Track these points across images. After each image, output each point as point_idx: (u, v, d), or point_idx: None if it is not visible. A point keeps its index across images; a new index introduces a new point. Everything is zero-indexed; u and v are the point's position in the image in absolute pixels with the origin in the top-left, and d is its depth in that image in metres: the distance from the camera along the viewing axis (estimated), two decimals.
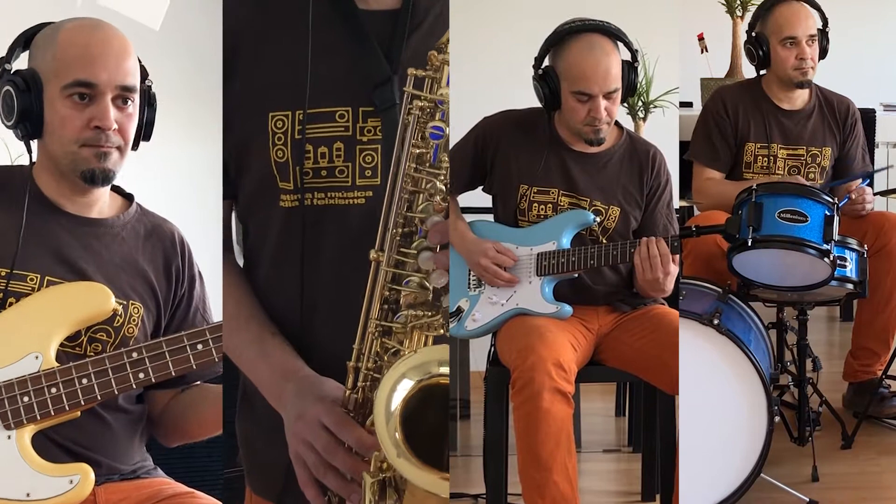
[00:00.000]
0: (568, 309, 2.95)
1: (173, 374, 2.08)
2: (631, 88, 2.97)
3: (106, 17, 2.22)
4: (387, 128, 1.77)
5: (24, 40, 2.18)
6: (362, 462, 1.62)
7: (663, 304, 3.07)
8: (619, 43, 2.94)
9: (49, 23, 2.20)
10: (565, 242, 2.97)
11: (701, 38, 4.77)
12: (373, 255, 1.66)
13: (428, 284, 1.62)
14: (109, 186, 2.23)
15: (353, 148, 1.79)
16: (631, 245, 2.88)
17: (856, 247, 3.03)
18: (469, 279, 3.08)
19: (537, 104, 3.04)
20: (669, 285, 2.90)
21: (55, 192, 2.19)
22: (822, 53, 3.61)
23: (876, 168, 3.80)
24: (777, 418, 2.89)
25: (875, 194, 3.58)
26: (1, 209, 2.15)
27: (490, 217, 3.14)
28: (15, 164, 3.01)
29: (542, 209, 3.01)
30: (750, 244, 2.83)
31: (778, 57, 3.57)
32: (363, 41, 1.79)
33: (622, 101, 2.99)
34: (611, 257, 2.90)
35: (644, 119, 4.39)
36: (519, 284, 3.00)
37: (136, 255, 2.24)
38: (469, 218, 3.13)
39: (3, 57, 2.16)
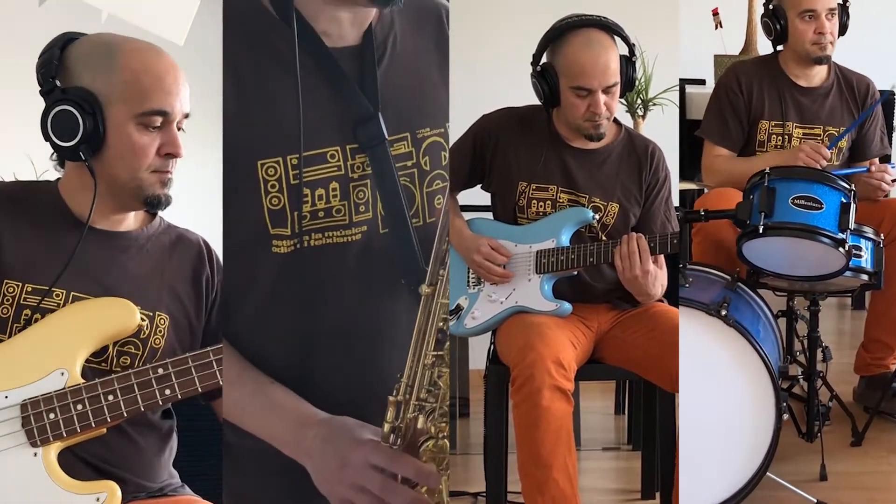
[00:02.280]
0: (567, 307, 2.96)
1: (199, 389, 2.07)
2: (629, 83, 2.98)
3: (131, 33, 2.20)
4: (376, 163, 1.81)
5: (59, 54, 2.13)
6: (420, 494, 1.68)
7: (663, 301, 3.05)
8: (616, 38, 2.94)
9: (76, 34, 2.16)
10: (564, 240, 2.97)
11: (715, 14, 4.69)
12: (425, 289, 1.70)
13: None
14: None
15: (348, 186, 1.82)
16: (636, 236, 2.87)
17: (872, 236, 2.93)
18: (469, 277, 3.09)
19: (536, 102, 3.04)
20: (653, 288, 2.89)
21: (82, 207, 2.15)
22: (843, 29, 3.51)
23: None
24: (786, 416, 2.80)
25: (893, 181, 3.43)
26: (27, 225, 2.14)
27: (489, 215, 3.14)
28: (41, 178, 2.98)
29: (541, 206, 3.01)
30: (761, 231, 2.73)
31: (796, 30, 3.47)
32: (340, 80, 1.82)
33: (620, 97, 3.00)
34: (610, 254, 2.89)
35: (643, 117, 4.39)
36: (518, 282, 3.01)
37: (163, 267, 2.23)
38: (468, 216, 3.13)
39: (44, 71, 2.11)
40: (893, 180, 3.45)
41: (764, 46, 4.23)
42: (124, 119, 2.09)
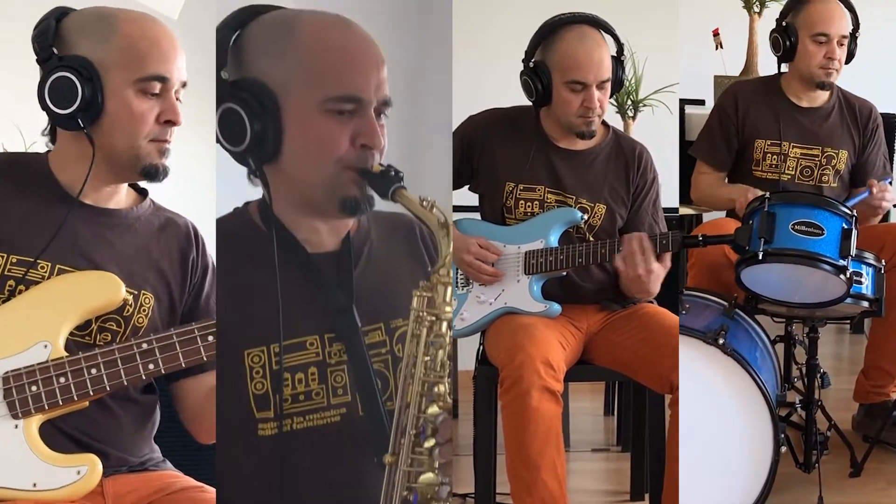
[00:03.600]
0: (557, 307, 2.95)
1: (183, 365, 2.09)
2: (618, 83, 2.99)
3: (125, 5, 2.18)
4: (351, 351, 1.94)
5: (55, 24, 2.12)
6: None
7: (652, 302, 3.07)
8: (606, 36, 2.96)
9: (69, 8, 2.15)
10: (553, 240, 2.98)
11: (716, 34, 4.65)
12: (388, 459, 1.80)
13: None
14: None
15: (325, 370, 1.94)
16: (619, 243, 2.87)
17: (873, 261, 2.88)
18: (457, 278, 3.08)
19: (522, 102, 3.05)
20: (654, 286, 2.88)
21: (72, 180, 2.15)
22: (849, 58, 3.48)
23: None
24: (783, 448, 2.76)
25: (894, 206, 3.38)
26: (14, 197, 2.13)
27: (477, 216, 3.14)
28: (29, 150, 2.99)
29: (528, 206, 3.02)
30: (761, 257, 2.68)
31: (806, 52, 3.44)
32: (318, 279, 1.95)
33: (609, 96, 3.00)
34: (598, 255, 2.90)
35: (633, 118, 4.38)
36: (507, 283, 3.00)
37: (150, 247, 2.23)
38: (455, 216, 3.13)
39: (41, 41, 2.10)
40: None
41: (765, 68, 4.21)
42: (123, 85, 2.08)
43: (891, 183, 3.40)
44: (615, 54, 2.96)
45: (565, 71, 2.91)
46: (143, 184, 2.28)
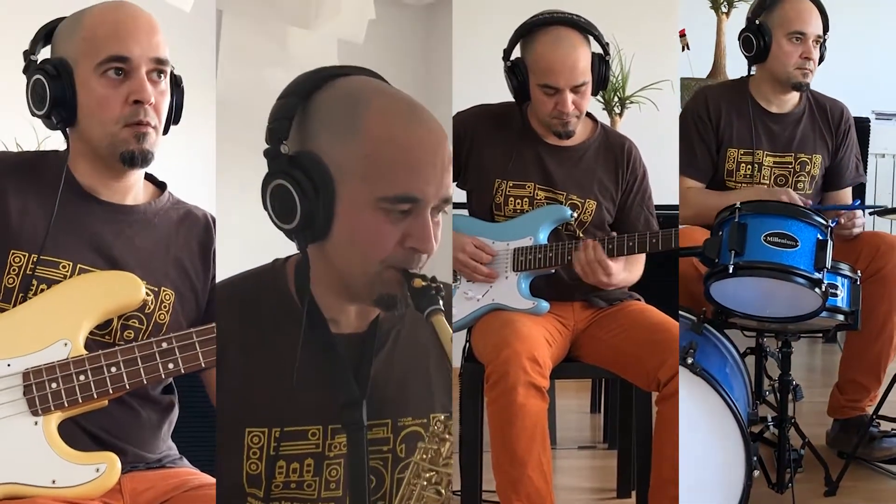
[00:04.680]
0: (545, 304, 2.96)
1: (203, 364, 2.08)
2: (602, 82, 2.99)
3: (140, 2, 2.20)
4: (351, 446, 1.87)
5: (45, 34, 2.19)
6: None
7: (639, 299, 3.09)
8: (589, 36, 2.95)
9: (61, 19, 2.20)
10: (542, 238, 2.99)
11: (682, 35, 4.57)
12: None
13: None
14: (144, 172, 2.24)
15: (322, 463, 1.89)
16: (609, 240, 2.88)
17: (848, 273, 2.78)
18: None
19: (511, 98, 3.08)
20: (622, 282, 2.93)
21: (90, 179, 2.18)
22: (820, 60, 3.39)
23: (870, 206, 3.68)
24: (756, 472, 2.66)
25: (870, 213, 3.28)
26: (35, 196, 2.15)
27: (465, 212, 3.16)
28: (41, 148, 3.02)
29: (518, 203, 3.03)
30: (731, 271, 2.58)
31: (781, 51, 3.34)
32: (336, 365, 1.87)
33: (594, 94, 3.01)
34: None
35: (620, 115, 4.40)
36: (495, 280, 3.01)
37: (170, 242, 2.25)
38: None
39: (26, 50, 2.17)
40: (871, 213, 3.34)
41: (733, 70, 4.13)
42: (87, 74, 2.10)
43: (860, 204, 3.34)
44: (600, 53, 2.96)
45: (539, 74, 2.93)
46: (160, 175, 2.29)
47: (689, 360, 2.60)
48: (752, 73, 3.43)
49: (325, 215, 1.76)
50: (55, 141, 2.25)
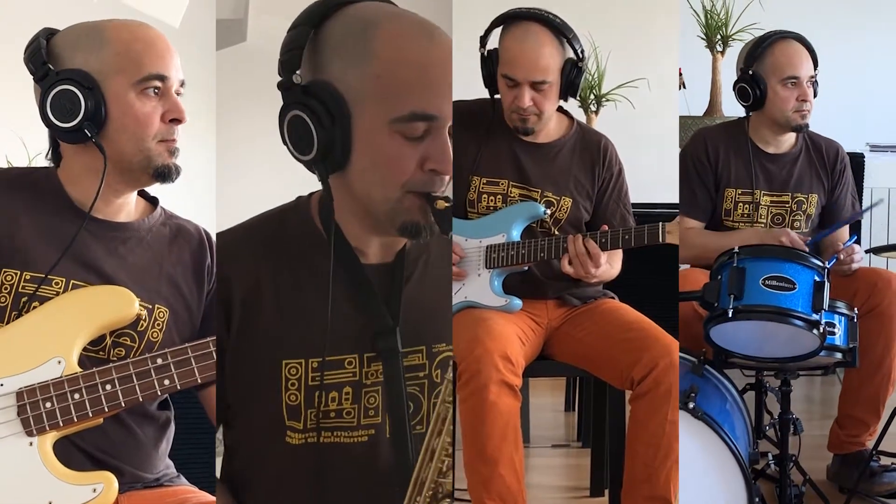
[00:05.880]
0: (517, 302, 2.96)
1: (199, 380, 2.07)
2: (572, 87, 2.97)
3: (126, 14, 2.23)
4: (388, 371, 1.88)
5: (45, 43, 2.14)
6: None
7: (613, 297, 3.10)
8: (563, 39, 2.94)
9: (55, 30, 2.17)
10: (515, 235, 2.99)
11: (679, 74, 4.56)
12: None
13: None
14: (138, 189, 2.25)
15: (360, 391, 1.89)
16: (602, 234, 2.89)
17: (845, 311, 2.80)
18: None
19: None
20: (607, 275, 2.96)
21: (82, 194, 2.16)
22: (814, 95, 3.42)
23: (864, 208, 3.68)
24: None
25: (866, 251, 3.32)
26: (26, 213, 2.14)
27: None
28: (32, 164, 3.09)
29: (491, 200, 3.02)
30: (731, 315, 2.60)
31: (777, 98, 3.37)
32: (368, 294, 1.88)
33: (563, 99, 3.00)
34: (561, 249, 2.91)
35: (596, 112, 4.44)
36: (468, 277, 3.01)
37: (163, 259, 2.24)
38: None
39: (35, 58, 2.12)
40: (867, 252, 3.36)
41: (729, 107, 4.15)
42: (123, 89, 2.10)
43: (857, 240, 3.35)
44: (573, 58, 2.95)
45: (503, 64, 2.94)
46: (153, 190, 2.28)
47: (691, 405, 2.61)
48: (749, 114, 3.46)
49: (343, 143, 1.75)
50: (44, 158, 2.25)
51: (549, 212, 2.99)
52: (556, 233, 2.98)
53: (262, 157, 3.29)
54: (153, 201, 2.30)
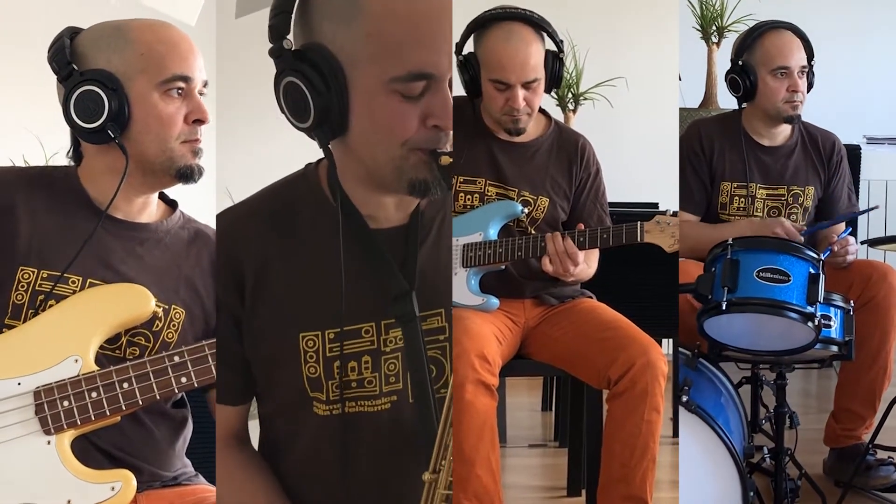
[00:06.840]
0: (494, 301, 2.95)
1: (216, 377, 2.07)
2: (555, 79, 2.99)
3: (143, 14, 2.24)
4: (408, 337, 1.86)
5: (69, 42, 2.14)
6: None
7: (591, 297, 3.10)
8: (543, 33, 2.94)
9: (80, 28, 2.18)
10: (492, 234, 2.98)
11: (678, 77, 4.57)
12: (427, 476, 1.75)
13: None
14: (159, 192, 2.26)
15: (379, 359, 1.88)
16: (580, 233, 2.89)
17: (841, 303, 2.78)
18: None
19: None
20: (584, 275, 2.97)
21: (103, 194, 2.17)
22: (808, 88, 3.40)
23: (861, 210, 3.63)
24: None
25: (862, 243, 3.29)
26: (45, 211, 2.15)
27: None
28: (49, 163, 3.06)
29: (468, 199, 3.01)
30: (724, 307, 2.57)
31: (767, 89, 3.35)
32: (380, 260, 1.86)
33: (547, 92, 3.00)
34: (538, 248, 2.90)
35: (574, 111, 4.43)
36: None
37: (181, 260, 2.25)
38: None
39: (65, 60, 2.11)
40: (862, 243, 3.35)
41: (724, 100, 4.13)
42: (147, 90, 2.11)
43: (852, 232, 3.33)
44: (554, 50, 2.95)
45: (490, 69, 2.92)
46: (170, 192, 2.29)
47: (685, 398, 2.60)
48: (742, 106, 3.45)
49: (341, 107, 1.72)
50: (64, 157, 2.26)
51: (525, 211, 2.98)
52: (533, 232, 2.98)
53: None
54: (173, 204, 2.30)
